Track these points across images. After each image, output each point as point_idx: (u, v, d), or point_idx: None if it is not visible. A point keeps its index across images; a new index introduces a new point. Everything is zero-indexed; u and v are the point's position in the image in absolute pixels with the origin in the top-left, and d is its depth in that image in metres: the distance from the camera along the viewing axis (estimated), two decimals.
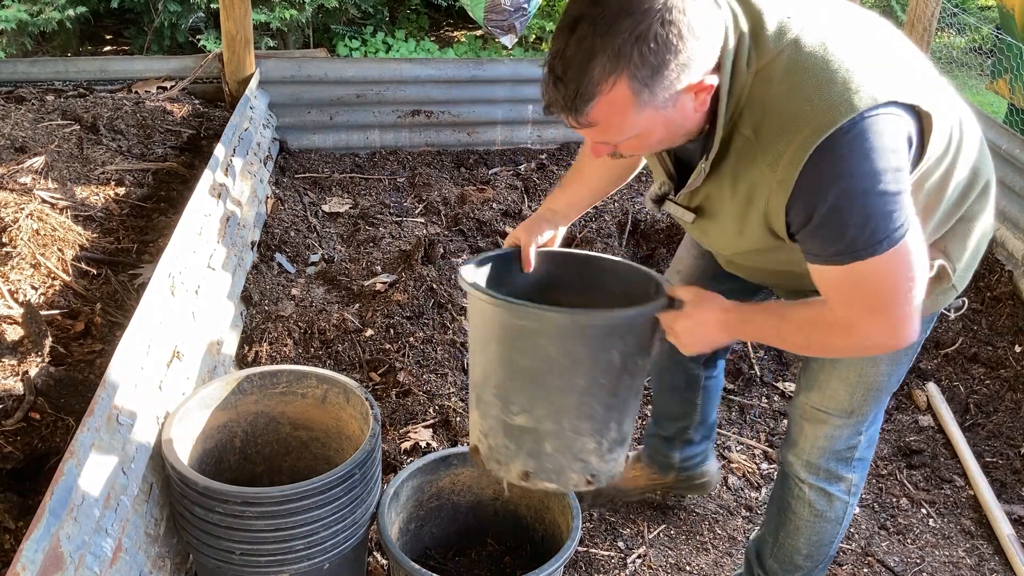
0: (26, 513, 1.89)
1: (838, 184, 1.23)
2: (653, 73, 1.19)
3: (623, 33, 1.16)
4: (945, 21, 5.84)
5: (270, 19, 5.19)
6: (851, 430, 1.79)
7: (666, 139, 1.34)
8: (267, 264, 3.27)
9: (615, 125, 1.26)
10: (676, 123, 1.29)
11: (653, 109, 1.24)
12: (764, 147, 1.27)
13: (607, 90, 1.20)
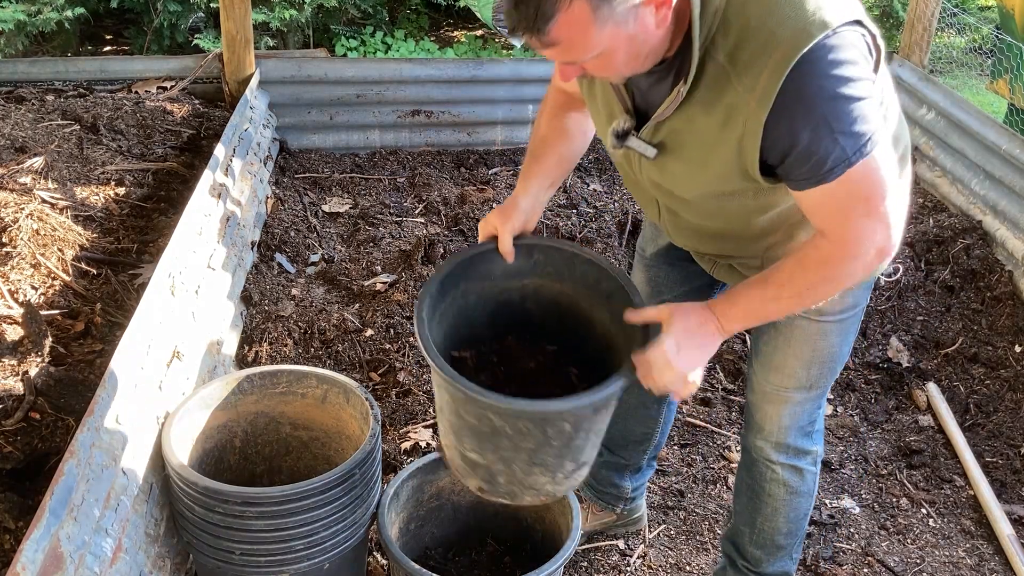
0: (26, 513, 1.89)
1: (822, 95, 1.25)
2: None
3: None
4: (945, 21, 5.83)
5: (270, 19, 5.19)
6: (812, 404, 1.83)
7: (630, 60, 1.31)
8: (267, 264, 3.27)
9: (578, 43, 1.25)
10: (639, 40, 1.27)
11: (614, 24, 1.23)
12: (740, 71, 1.27)
13: (565, 6, 1.19)
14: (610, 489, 2.27)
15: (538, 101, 4.35)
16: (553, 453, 1.58)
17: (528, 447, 1.56)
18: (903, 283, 3.40)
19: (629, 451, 2.21)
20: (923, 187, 4.16)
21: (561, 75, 1.36)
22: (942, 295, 3.39)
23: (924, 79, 4.28)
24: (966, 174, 3.87)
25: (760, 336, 1.81)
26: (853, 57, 1.27)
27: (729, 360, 2.99)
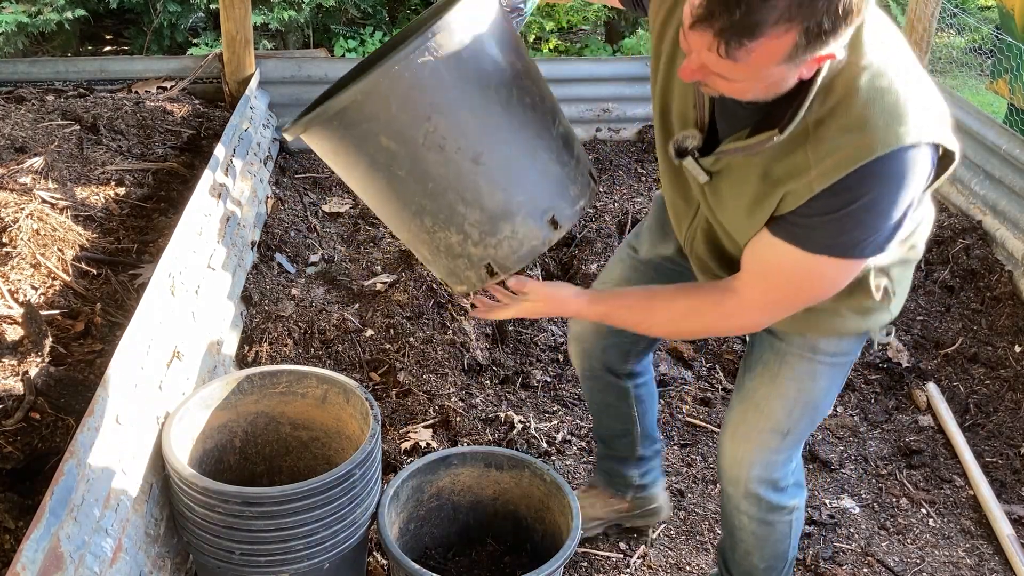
0: (26, 513, 1.89)
1: (870, 195, 1.29)
2: (818, 37, 1.15)
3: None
4: (945, 21, 5.83)
5: (269, 20, 5.18)
6: (784, 455, 1.76)
7: (757, 94, 1.29)
8: (267, 264, 3.27)
9: (750, 70, 1.20)
10: (782, 83, 1.26)
11: (791, 65, 1.20)
12: (819, 138, 1.29)
13: (773, 36, 1.14)
14: (617, 477, 2.27)
15: None
16: (419, 192, 1.39)
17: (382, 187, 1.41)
18: None
19: (619, 444, 2.21)
20: None
21: (685, 72, 1.26)
22: (942, 295, 3.39)
23: None
24: (966, 174, 3.87)
25: (747, 372, 1.77)
26: (916, 179, 1.30)
27: (729, 360, 2.99)
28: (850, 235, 1.33)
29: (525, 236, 1.43)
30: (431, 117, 1.32)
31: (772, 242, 1.39)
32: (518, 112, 1.39)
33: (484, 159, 1.37)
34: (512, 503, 2.15)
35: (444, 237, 1.44)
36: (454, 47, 1.31)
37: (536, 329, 3.08)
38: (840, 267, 1.38)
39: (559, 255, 3.52)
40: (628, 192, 4.03)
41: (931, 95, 1.34)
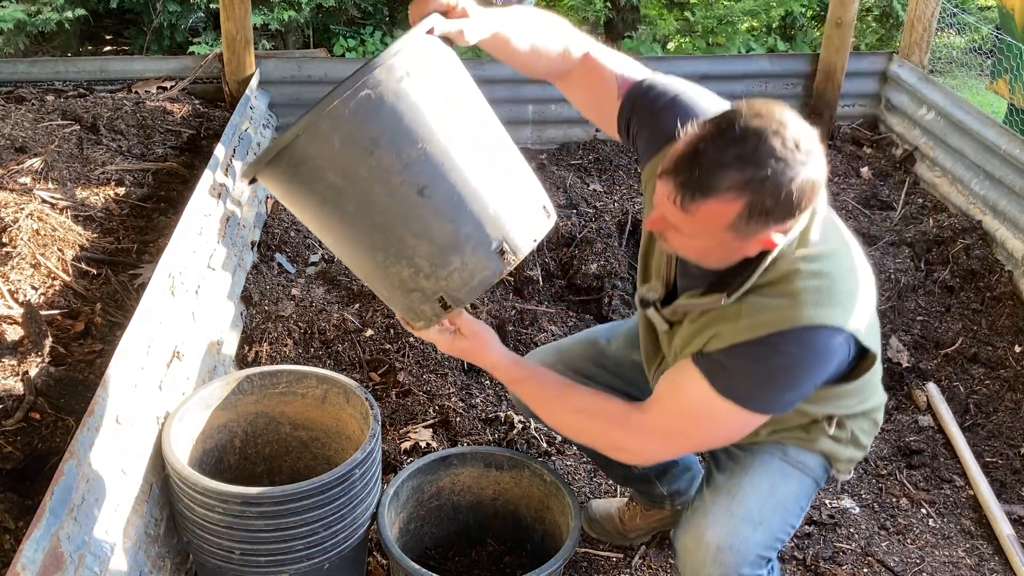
0: (26, 513, 1.89)
1: (785, 360, 1.44)
2: (762, 215, 1.34)
3: (770, 172, 1.30)
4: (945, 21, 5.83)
5: (269, 20, 5.18)
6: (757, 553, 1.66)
7: (708, 258, 1.48)
8: (267, 264, 3.27)
9: (699, 226, 1.37)
10: (729, 252, 1.43)
11: (734, 233, 1.37)
12: (755, 299, 1.45)
13: (722, 200, 1.32)
14: (646, 495, 2.21)
15: (538, 101, 4.39)
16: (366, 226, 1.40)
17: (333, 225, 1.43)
18: (903, 283, 3.40)
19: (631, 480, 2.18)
20: (923, 187, 4.17)
21: (652, 222, 1.44)
22: (942, 295, 3.39)
23: (924, 79, 4.28)
24: (966, 174, 3.87)
25: (717, 468, 1.76)
26: (829, 360, 1.46)
27: None
28: (756, 388, 1.46)
29: (475, 268, 1.43)
30: (373, 152, 1.35)
31: (688, 369, 1.52)
32: (462, 143, 1.41)
33: (429, 191, 1.38)
34: (512, 503, 2.15)
35: (397, 272, 1.44)
36: (394, 83, 1.34)
37: (536, 329, 3.09)
38: (737, 416, 1.49)
39: (559, 255, 3.52)
40: (628, 192, 4.03)
41: (865, 293, 1.50)
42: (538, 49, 1.67)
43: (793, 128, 1.32)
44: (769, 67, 4.54)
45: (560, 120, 4.46)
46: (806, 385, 1.49)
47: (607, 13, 5.81)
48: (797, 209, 1.35)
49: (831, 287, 1.44)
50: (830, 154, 4.43)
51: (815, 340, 1.43)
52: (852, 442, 1.75)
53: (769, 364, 1.45)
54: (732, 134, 1.31)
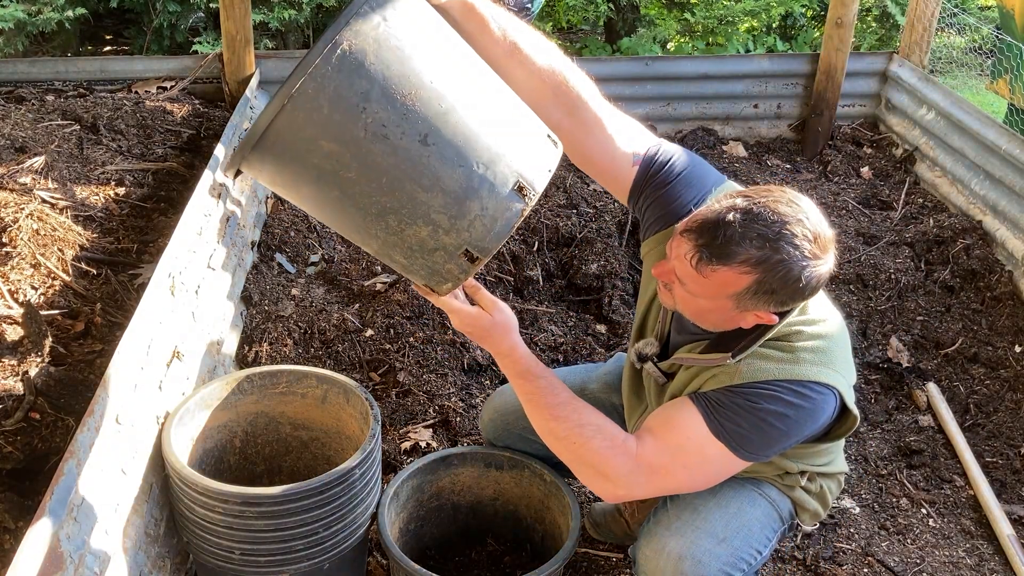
0: (26, 513, 1.89)
1: (776, 407, 1.50)
2: (766, 294, 1.44)
3: (785, 258, 1.40)
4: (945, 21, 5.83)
5: (269, 19, 5.18)
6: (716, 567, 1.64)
7: (704, 320, 1.56)
8: (267, 264, 3.27)
9: (707, 287, 1.46)
10: (725, 318, 1.52)
11: (735, 303, 1.47)
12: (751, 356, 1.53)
13: (735, 270, 1.42)
14: None
15: None
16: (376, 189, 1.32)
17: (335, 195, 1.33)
18: (903, 283, 3.40)
19: None
20: (923, 187, 4.17)
21: (660, 271, 1.54)
22: (942, 295, 3.39)
23: (924, 79, 4.28)
24: (966, 174, 3.87)
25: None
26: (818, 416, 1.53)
27: None
28: (749, 432, 1.51)
29: (496, 210, 1.35)
30: (366, 107, 1.26)
31: (685, 405, 1.56)
32: (456, 82, 1.32)
33: (432, 138, 1.30)
34: (512, 503, 2.15)
35: (414, 233, 1.35)
36: (371, 30, 1.26)
37: (536, 329, 3.09)
38: (723, 460, 1.54)
39: (559, 255, 3.52)
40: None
41: (850, 359, 1.62)
42: (523, 53, 1.53)
43: (814, 222, 1.43)
44: (769, 67, 4.54)
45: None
46: (794, 436, 1.55)
47: (607, 13, 5.81)
48: (800, 296, 1.47)
49: (830, 349, 1.54)
50: (830, 154, 4.43)
51: (811, 395, 1.51)
52: (819, 497, 1.84)
53: (766, 409, 1.50)
54: (760, 212, 1.41)
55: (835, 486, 1.87)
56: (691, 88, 4.49)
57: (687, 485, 1.63)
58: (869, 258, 3.52)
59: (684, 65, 4.52)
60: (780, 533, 1.82)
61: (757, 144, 4.62)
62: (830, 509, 1.91)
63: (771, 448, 1.55)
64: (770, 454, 1.57)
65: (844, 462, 1.89)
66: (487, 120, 1.35)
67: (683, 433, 1.55)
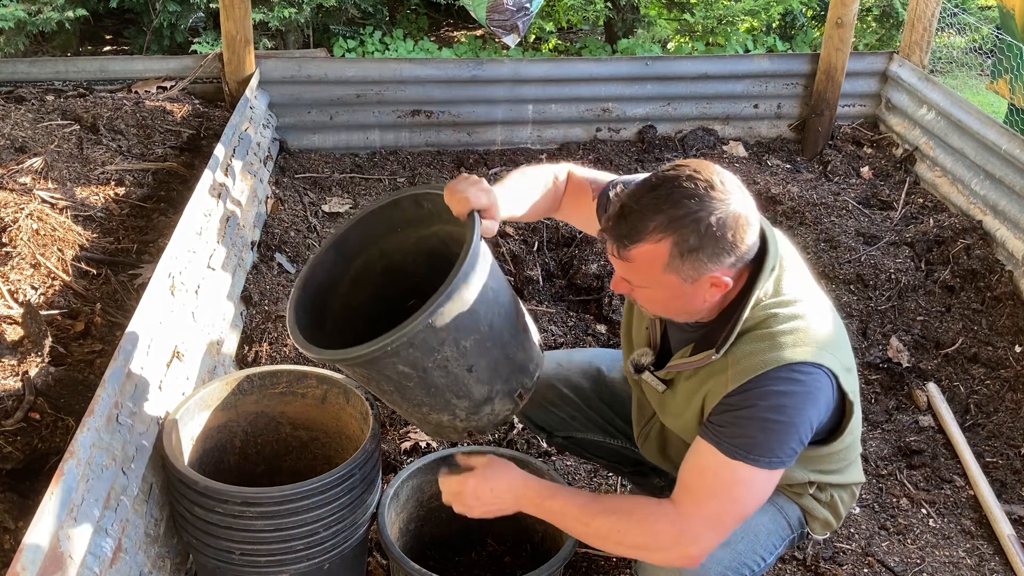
0: (26, 513, 1.89)
1: (771, 400, 1.49)
2: (691, 250, 1.46)
3: (687, 210, 1.45)
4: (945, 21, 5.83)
5: (269, 19, 5.18)
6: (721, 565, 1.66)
7: (673, 308, 1.59)
8: (267, 264, 3.27)
9: (643, 271, 1.51)
10: (686, 298, 1.54)
11: (677, 275, 1.49)
12: (738, 345, 1.54)
13: (653, 241, 1.46)
14: (645, 483, 2.23)
15: (538, 101, 4.39)
16: (421, 392, 1.67)
17: (388, 388, 1.68)
18: (903, 283, 3.40)
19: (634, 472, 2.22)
20: (923, 187, 4.17)
21: (615, 283, 1.60)
22: (942, 295, 3.39)
23: (924, 79, 4.28)
24: (966, 174, 3.87)
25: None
26: (814, 396, 1.52)
27: None
28: (756, 438, 1.50)
29: (500, 410, 1.77)
30: (440, 349, 1.61)
31: (698, 444, 1.57)
32: (499, 327, 1.70)
33: (475, 368, 1.68)
34: None
35: (436, 418, 1.75)
36: (463, 289, 1.60)
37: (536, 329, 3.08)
38: (755, 475, 1.52)
39: (559, 255, 3.52)
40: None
41: (839, 338, 1.60)
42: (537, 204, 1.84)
43: (707, 173, 1.48)
44: (769, 67, 4.54)
45: (560, 120, 4.46)
46: (802, 426, 1.52)
47: (607, 13, 5.81)
48: (728, 244, 1.47)
49: (807, 328, 1.53)
50: (830, 154, 4.43)
51: (800, 376, 1.50)
52: (830, 507, 1.82)
53: (761, 407, 1.50)
54: (650, 184, 1.50)
55: (848, 496, 1.85)
56: (691, 88, 4.50)
57: (743, 512, 1.57)
58: (869, 258, 3.52)
59: (684, 65, 4.52)
60: (789, 541, 1.81)
61: (757, 144, 4.63)
62: (842, 520, 1.87)
63: (786, 445, 1.52)
64: (790, 452, 1.53)
65: (860, 472, 1.86)
66: (512, 354, 1.75)
67: (709, 472, 1.55)
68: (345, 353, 1.58)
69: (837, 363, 1.55)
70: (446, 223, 1.75)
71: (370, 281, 1.87)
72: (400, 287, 1.88)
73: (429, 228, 1.82)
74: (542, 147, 4.49)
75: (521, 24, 3.75)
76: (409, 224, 1.83)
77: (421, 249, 1.86)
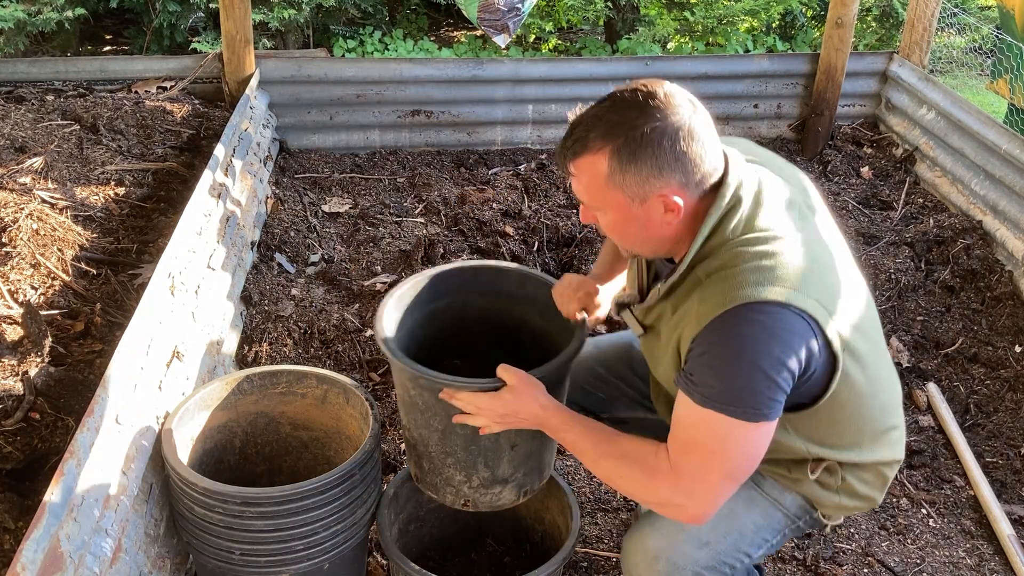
0: (26, 513, 1.89)
1: (739, 343, 1.40)
2: (629, 160, 1.41)
3: (626, 118, 1.42)
4: (945, 21, 5.83)
5: (268, 19, 5.18)
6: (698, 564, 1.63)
7: (631, 236, 1.53)
8: (267, 264, 3.27)
9: (589, 186, 1.48)
10: (640, 223, 1.49)
11: (623, 194, 1.45)
12: (703, 286, 1.47)
13: (593, 151, 1.44)
14: None
15: (538, 101, 4.39)
16: (459, 444, 1.76)
17: (436, 426, 1.76)
18: (903, 283, 3.40)
19: None
20: (923, 187, 4.17)
21: (581, 214, 1.59)
22: (942, 295, 3.39)
23: (924, 79, 4.28)
24: (966, 174, 3.87)
25: None
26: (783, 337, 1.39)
27: None
28: (722, 384, 1.40)
29: (505, 497, 1.87)
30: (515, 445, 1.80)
31: (678, 395, 1.50)
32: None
33: (516, 447, 1.80)
34: None
35: (451, 473, 1.83)
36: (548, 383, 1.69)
37: None
38: (733, 427, 1.41)
39: (559, 255, 3.52)
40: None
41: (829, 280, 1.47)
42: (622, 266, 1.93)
43: (654, 86, 1.45)
44: (769, 67, 4.54)
45: (560, 120, 4.46)
46: (770, 369, 1.39)
47: (607, 13, 5.81)
48: (666, 154, 1.40)
49: (774, 267, 1.41)
50: (830, 154, 4.43)
51: (758, 317, 1.38)
52: (845, 491, 1.68)
53: (721, 353, 1.41)
54: (598, 102, 1.48)
55: (873, 477, 1.69)
56: (691, 88, 4.38)
57: (734, 470, 1.47)
58: (869, 258, 3.52)
59: (684, 65, 4.52)
60: (789, 530, 1.74)
61: (757, 144, 4.62)
62: (878, 499, 1.73)
63: (758, 392, 1.40)
64: (766, 401, 1.41)
65: (895, 448, 1.70)
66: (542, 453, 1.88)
67: (684, 423, 1.48)
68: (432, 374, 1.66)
69: (818, 306, 1.41)
70: (532, 309, 1.90)
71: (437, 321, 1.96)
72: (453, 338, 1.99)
73: (516, 306, 1.94)
74: (542, 147, 4.49)
75: (512, 24, 3.74)
76: (502, 294, 1.93)
77: (495, 319, 1.98)
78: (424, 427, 1.79)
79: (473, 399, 1.66)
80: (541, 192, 3.96)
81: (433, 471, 1.85)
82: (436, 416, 1.75)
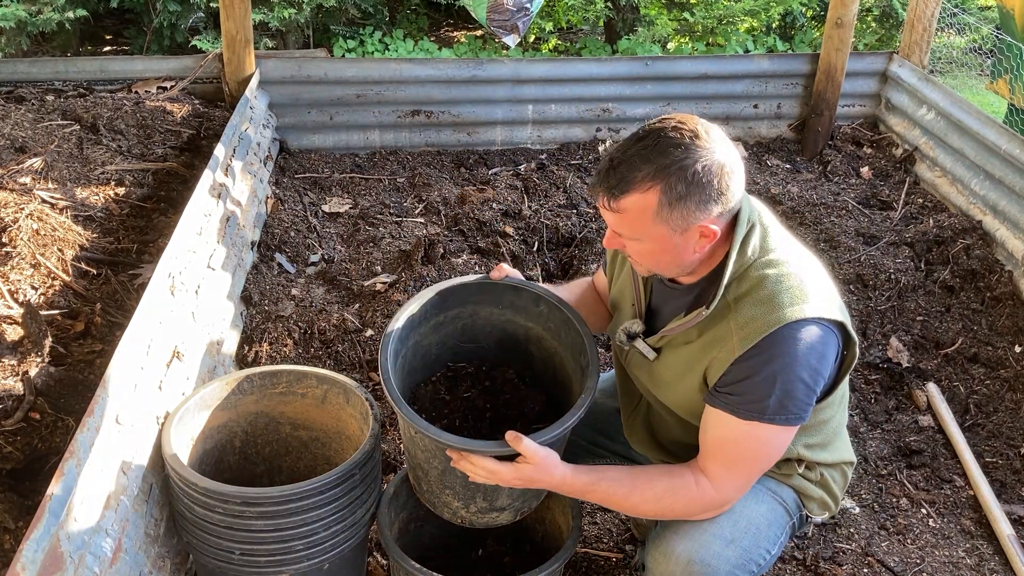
0: (26, 513, 1.89)
1: (784, 360, 1.52)
2: (680, 198, 1.49)
3: (674, 159, 1.48)
4: (945, 21, 5.83)
5: (269, 19, 5.18)
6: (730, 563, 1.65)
7: (664, 262, 1.60)
8: (267, 264, 3.27)
9: (634, 222, 1.53)
10: (677, 250, 1.56)
11: (667, 226, 1.51)
12: (738, 311, 1.56)
13: (642, 191, 1.49)
14: None
15: (538, 101, 4.40)
16: (459, 483, 1.76)
17: (437, 465, 1.75)
18: (903, 283, 3.40)
19: None
20: (923, 187, 4.17)
21: (608, 239, 1.63)
22: (942, 295, 3.39)
23: (924, 79, 4.28)
24: (966, 174, 3.87)
25: None
26: (819, 349, 1.55)
27: None
28: (770, 399, 1.53)
29: (503, 519, 1.88)
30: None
31: (713, 414, 1.60)
32: None
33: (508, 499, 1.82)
34: None
35: (449, 499, 1.84)
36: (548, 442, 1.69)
37: None
38: (773, 432, 1.57)
39: (559, 255, 3.52)
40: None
41: (827, 287, 1.62)
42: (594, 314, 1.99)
43: (692, 124, 1.52)
44: (769, 67, 4.54)
45: (560, 120, 4.46)
46: (809, 379, 1.55)
47: (607, 13, 5.81)
48: (712, 189, 1.49)
49: (800, 285, 1.55)
50: (830, 154, 4.43)
51: (796, 334, 1.52)
52: (822, 485, 1.82)
53: (769, 371, 1.52)
54: (637, 136, 1.53)
55: (839, 476, 1.85)
56: (691, 88, 4.50)
57: (767, 463, 1.65)
58: (869, 258, 3.52)
59: (684, 65, 4.52)
60: (791, 527, 1.81)
61: (757, 144, 4.63)
62: (840, 503, 1.89)
63: (800, 400, 1.55)
64: (804, 406, 1.57)
65: (849, 451, 1.87)
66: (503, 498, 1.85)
67: (730, 441, 1.59)
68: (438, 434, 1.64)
69: (838, 312, 1.58)
70: (545, 328, 1.90)
71: (445, 331, 1.95)
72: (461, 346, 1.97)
73: (527, 322, 1.92)
74: (542, 147, 4.49)
75: (521, 24, 3.75)
76: (515, 309, 1.92)
77: (506, 332, 1.95)
78: (424, 462, 1.79)
79: (484, 464, 1.64)
80: (541, 192, 3.96)
81: (431, 492, 1.86)
82: (436, 458, 1.74)
